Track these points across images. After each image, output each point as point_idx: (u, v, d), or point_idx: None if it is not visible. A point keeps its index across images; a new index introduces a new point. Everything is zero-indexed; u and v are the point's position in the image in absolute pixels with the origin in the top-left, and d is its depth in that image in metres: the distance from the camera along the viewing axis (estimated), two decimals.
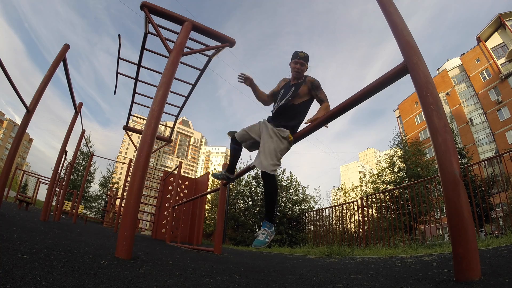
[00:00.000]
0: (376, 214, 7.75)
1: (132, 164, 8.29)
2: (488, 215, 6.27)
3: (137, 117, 6.57)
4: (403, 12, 1.51)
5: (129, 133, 7.27)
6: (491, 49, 28.39)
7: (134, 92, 5.40)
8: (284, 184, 11.72)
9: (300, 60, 2.26)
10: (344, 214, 8.38)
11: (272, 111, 2.38)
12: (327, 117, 1.93)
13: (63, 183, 6.64)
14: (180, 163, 7.34)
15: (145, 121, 2.37)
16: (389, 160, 13.42)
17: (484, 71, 29.06)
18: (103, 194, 22.97)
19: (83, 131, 6.20)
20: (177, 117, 5.98)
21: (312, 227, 9.66)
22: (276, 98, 2.37)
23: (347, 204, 8.51)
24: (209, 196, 12.96)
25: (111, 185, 24.05)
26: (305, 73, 2.31)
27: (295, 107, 2.20)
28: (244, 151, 2.46)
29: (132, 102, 5.80)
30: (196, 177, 12.19)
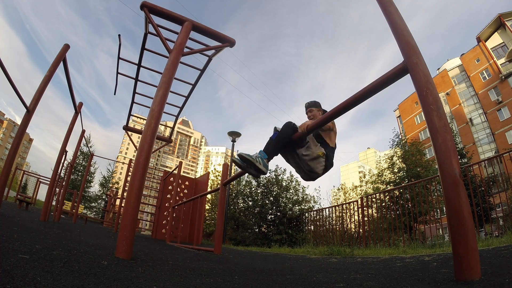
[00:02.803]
0: (376, 214, 7.75)
1: (132, 164, 8.29)
2: (488, 215, 6.27)
3: (137, 117, 6.58)
4: (403, 13, 1.51)
5: (129, 133, 7.27)
6: (491, 49, 28.41)
7: (134, 92, 5.40)
8: (284, 184, 11.72)
9: (309, 107, 2.43)
10: (344, 214, 8.38)
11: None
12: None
13: (63, 183, 6.64)
14: (180, 163, 7.34)
15: (145, 121, 2.37)
16: (389, 160, 13.41)
17: (484, 71, 29.07)
18: (103, 194, 22.97)
19: (83, 131, 6.20)
20: (177, 117, 5.98)
21: (312, 227, 9.67)
22: None
23: (347, 204, 8.52)
24: (209, 196, 12.97)
25: (111, 185, 24.05)
26: (318, 115, 2.37)
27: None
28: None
29: (132, 102, 5.80)
30: (196, 177, 12.19)
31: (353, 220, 8.72)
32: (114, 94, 5.87)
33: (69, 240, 2.15)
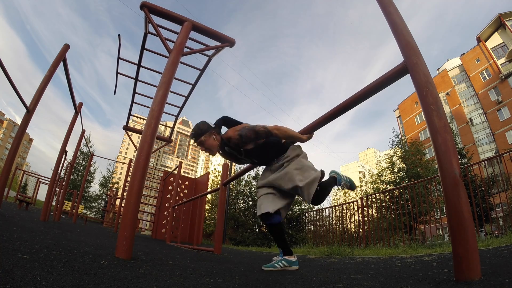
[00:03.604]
0: (376, 214, 7.75)
1: (132, 164, 8.29)
2: (488, 215, 6.27)
3: (137, 117, 6.58)
4: (403, 13, 1.51)
5: (129, 133, 7.27)
6: (491, 49, 28.41)
7: (134, 92, 5.40)
8: None
9: (195, 142, 2.04)
10: (344, 214, 8.38)
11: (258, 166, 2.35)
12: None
13: (63, 183, 6.64)
14: (180, 163, 7.34)
15: (145, 121, 2.37)
16: (389, 160, 13.42)
17: (484, 71, 29.08)
18: (103, 194, 22.98)
19: (83, 131, 6.20)
20: (177, 117, 5.98)
21: (312, 227, 9.67)
22: (246, 162, 2.24)
23: (347, 204, 8.51)
24: (209, 196, 12.97)
25: (111, 185, 24.05)
26: (212, 141, 2.02)
27: (261, 148, 2.06)
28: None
29: (132, 102, 5.80)
30: (196, 177, 12.18)
31: (353, 220, 8.73)
32: (114, 94, 5.88)
33: (69, 240, 2.15)
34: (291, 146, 2.13)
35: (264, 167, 2.25)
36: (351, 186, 2.28)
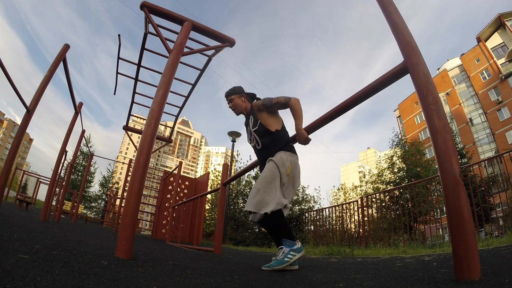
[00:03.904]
0: (376, 214, 7.76)
1: (132, 164, 8.29)
2: (488, 215, 6.27)
3: (137, 117, 6.58)
4: (403, 13, 1.51)
5: (129, 133, 7.27)
6: (491, 49, 28.42)
7: (134, 92, 5.40)
8: None
9: (227, 98, 2.33)
10: (344, 214, 8.38)
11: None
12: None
13: (63, 183, 6.64)
14: (180, 163, 7.34)
15: (145, 121, 2.36)
16: (389, 160, 13.42)
17: (484, 71, 29.09)
18: (103, 194, 22.98)
19: (83, 131, 6.20)
20: (177, 117, 5.98)
21: (312, 227, 9.67)
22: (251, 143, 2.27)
23: (347, 204, 8.52)
24: (209, 196, 12.96)
25: (111, 185, 24.06)
26: (240, 102, 2.28)
27: (267, 133, 2.11)
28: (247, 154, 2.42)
29: (132, 102, 5.80)
30: (196, 177, 12.18)
31: (353, 220, 8.73)
32: (114, 94, 5.88)
33: (69, 240, 2.15)
34: (290, 153, 2.09)
35: None
36: (279, 261, 1.92)
